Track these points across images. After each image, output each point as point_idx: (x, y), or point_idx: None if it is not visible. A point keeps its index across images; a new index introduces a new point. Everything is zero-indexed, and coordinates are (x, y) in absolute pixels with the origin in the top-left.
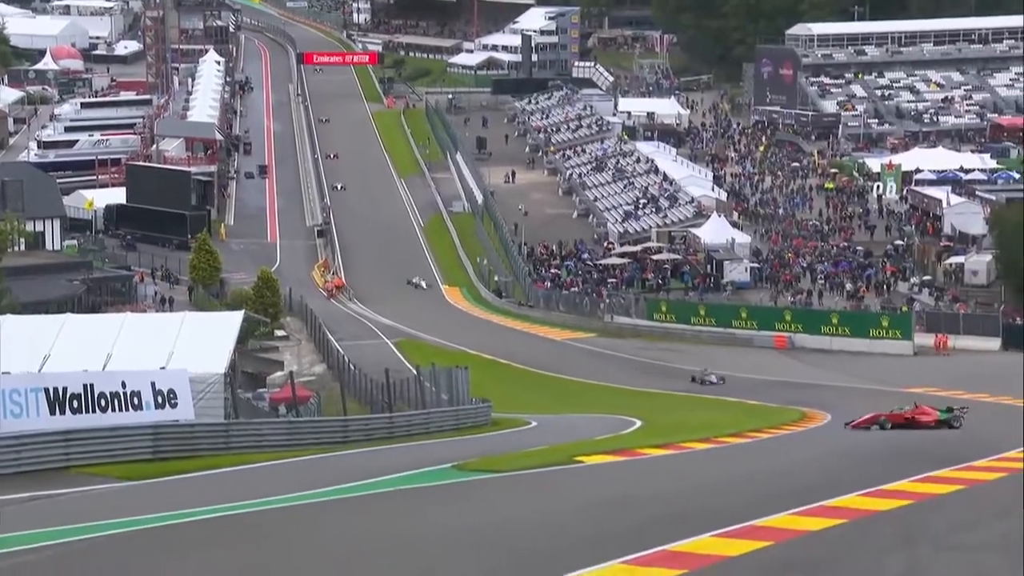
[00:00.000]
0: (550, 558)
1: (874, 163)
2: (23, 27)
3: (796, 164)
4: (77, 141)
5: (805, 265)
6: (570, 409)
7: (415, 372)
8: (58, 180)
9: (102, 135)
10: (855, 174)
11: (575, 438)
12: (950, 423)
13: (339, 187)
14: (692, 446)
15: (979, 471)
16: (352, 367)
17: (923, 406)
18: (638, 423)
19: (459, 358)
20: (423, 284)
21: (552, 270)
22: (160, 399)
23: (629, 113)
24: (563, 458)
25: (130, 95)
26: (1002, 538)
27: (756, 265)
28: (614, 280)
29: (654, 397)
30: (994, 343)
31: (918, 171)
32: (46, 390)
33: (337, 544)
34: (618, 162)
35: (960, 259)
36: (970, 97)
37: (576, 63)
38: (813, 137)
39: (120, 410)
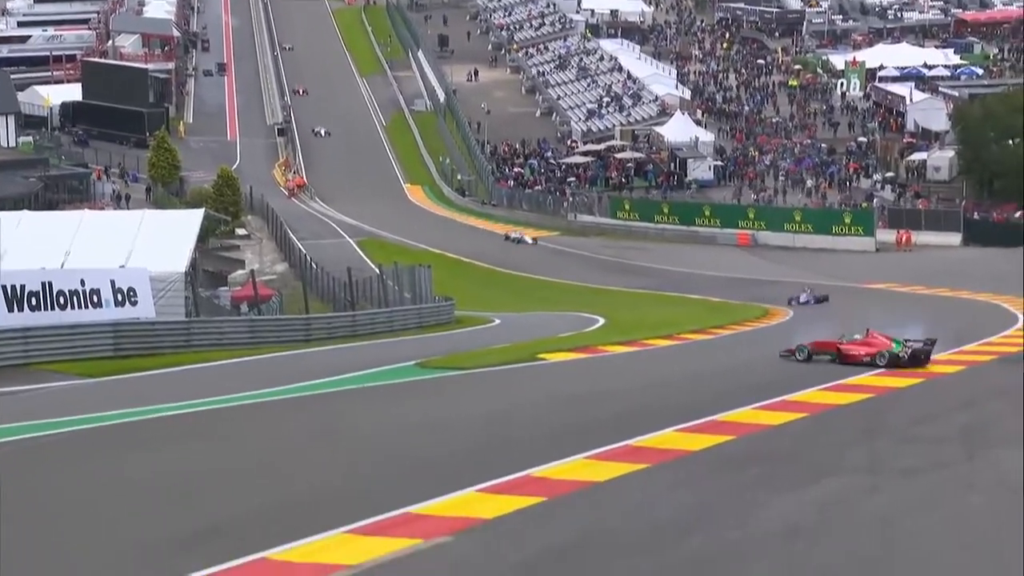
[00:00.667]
0: (513, 454)
1: (838, 60)
2: None
3: (760, 62)
4: (30, 36)
5: (768, 163)
6: (533, 307)
7: (377, 271)
8: (12, 76)
9: (56, 30)
10: (819, 71)
11: (538, 336)
12: (876, 360)
13: (323, 132)
14: (654, 343)
15: (939, 364)
16: (314, 266)
17: (876, 334)
18: (601, 321)
19: (422, 257)
20: (527, 239)
21: (515, 169)
22: (120, 297)
23: (592, 11)
24: (526, 356)
25: None
26: (961, 430)
27: (720, 163)
28: (577, 179)
29: (617, 295)
30: (955, 238)
31: (882, 68)
32: (3, 287)
33: (300, 439)
34: (581, 60)
35: (923, 155)
36: None
37: None
38: (777, 34)
39: (79, 308)
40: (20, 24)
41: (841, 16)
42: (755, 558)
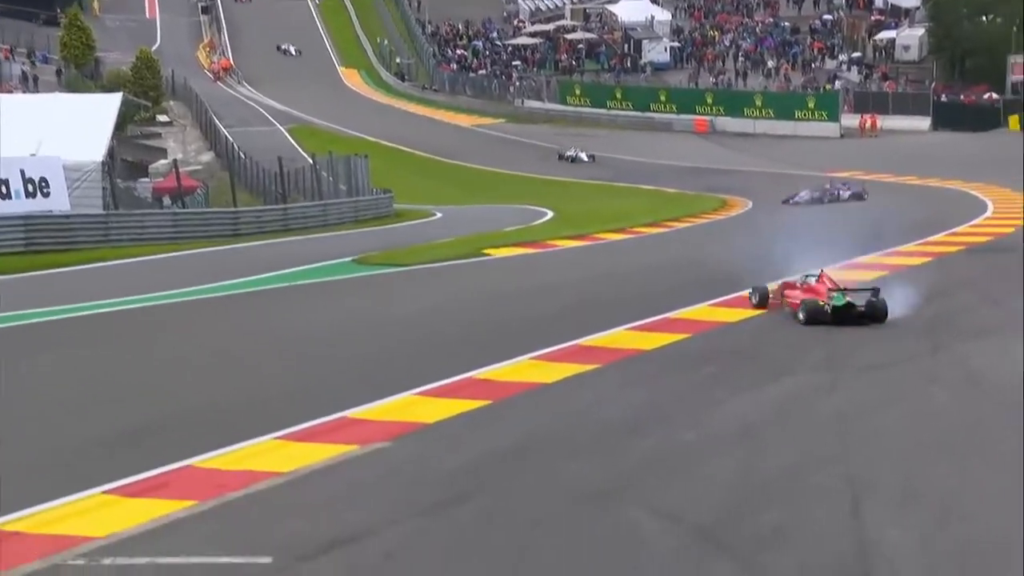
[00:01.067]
0: (456, 355)
1: None
2: None
3: None
4: None
5: (728, 43)
6: (477, 200)
7: (311, 161)
8: None
9: None
10: None
11: (483, 230)
12: (798, 314)
13: (293, 51)
14: (606, 236)
15: (904, 256)
16: (242, 155)
17: (827, 278)
18: (549, 214)
19: (358, 146)
20: (583, 156)
21: (458, 51)
22: (31, 188)
23: None
24: (470, 251)
25: None
26: (928, 321)
27: (676, 44)
28: (524, 62)
29: (566, 186)
30: (924, 123)
31: None
32: None
33: (228, 340)
34: None
35: (891, 34)
36: None
37: None
38: None
39: None
40: None
41: None
42: (710, 458)
